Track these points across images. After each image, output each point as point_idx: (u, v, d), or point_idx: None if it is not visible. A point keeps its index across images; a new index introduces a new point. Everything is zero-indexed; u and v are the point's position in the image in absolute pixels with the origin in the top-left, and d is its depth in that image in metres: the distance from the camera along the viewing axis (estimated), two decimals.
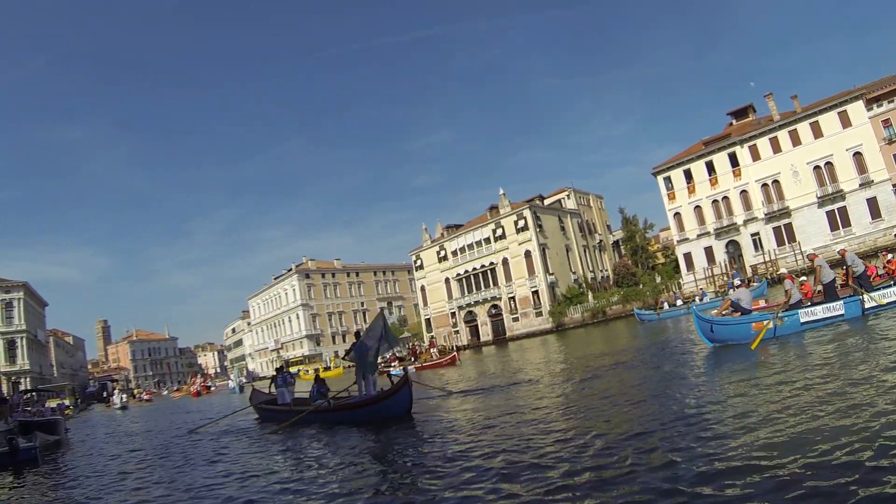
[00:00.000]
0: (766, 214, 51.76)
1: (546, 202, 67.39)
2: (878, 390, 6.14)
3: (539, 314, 59.12)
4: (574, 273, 63.33)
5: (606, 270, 69.11)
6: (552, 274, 59.77)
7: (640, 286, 55.41)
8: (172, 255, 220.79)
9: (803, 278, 15.94)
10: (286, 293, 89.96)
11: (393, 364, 37.04)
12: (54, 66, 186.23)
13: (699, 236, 55.05)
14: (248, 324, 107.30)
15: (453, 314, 67.05)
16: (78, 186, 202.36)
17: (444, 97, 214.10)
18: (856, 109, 47.77)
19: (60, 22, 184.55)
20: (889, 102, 48.03)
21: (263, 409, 15.73)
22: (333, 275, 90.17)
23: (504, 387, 13.90)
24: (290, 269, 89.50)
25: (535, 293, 59.53)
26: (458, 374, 23.87)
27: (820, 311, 12.24)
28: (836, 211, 48.77)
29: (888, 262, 15.71)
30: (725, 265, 52.27)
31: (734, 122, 59.32)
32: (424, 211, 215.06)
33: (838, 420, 5.31)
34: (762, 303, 14.50)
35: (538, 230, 60.35)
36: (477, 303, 64.72)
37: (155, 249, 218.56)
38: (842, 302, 12.15)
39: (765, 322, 12.01)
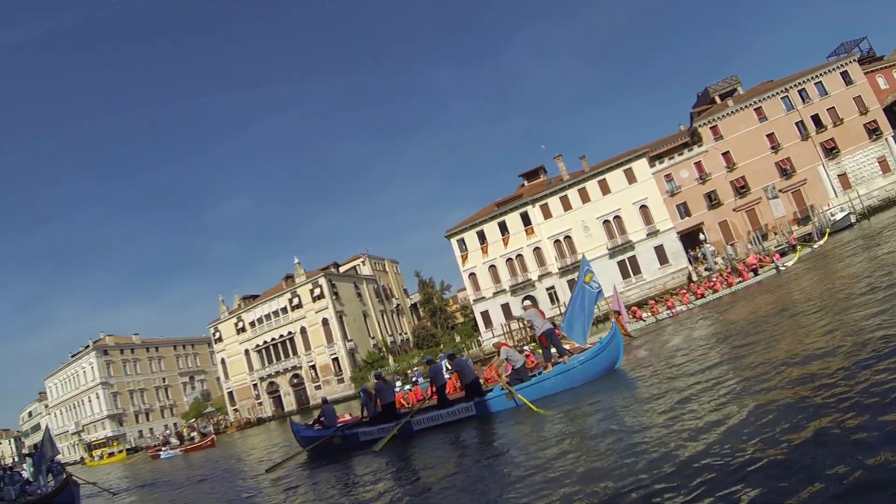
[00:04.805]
0: (559, 269, 53.12)
1: (342, 269, 67.06)
2: None
3: (341, 381, 57.10)
4: (373, 338, 62.62)
5: (406, 333, 69.04)
6: (351, 340, 58.66)
7: (441, 346, 54.52)
8: None
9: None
10: (84, 371, 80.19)
11: (163, 448, 39.79)
12: None
13: (495, 294, 55.39)
14: (46, 406, 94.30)
15: (255, 385, 63.16)
16: None
17: (242, 165, 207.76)
18: (640, 166, 51.45)
19: None
20: (669, 159, 52.17)
21: None
22: (133, 350, 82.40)
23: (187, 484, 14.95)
24: (88, 346, 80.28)
25: (336, 360, 57.80)
26: (204, 457, 25.86)
27: (375, 431, 12.69)
28: (627, 260, 51.48)
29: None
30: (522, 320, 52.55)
31: (525, 183, 61.24)
32: (222, 281, 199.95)
33: None
34: (347, 416, 15.30)
35: (334, 298, 59.48)
36: (278, 373, 61.55)
37: None
38: (393, 424, 12.56)
39: (324, 437, 13.35)
